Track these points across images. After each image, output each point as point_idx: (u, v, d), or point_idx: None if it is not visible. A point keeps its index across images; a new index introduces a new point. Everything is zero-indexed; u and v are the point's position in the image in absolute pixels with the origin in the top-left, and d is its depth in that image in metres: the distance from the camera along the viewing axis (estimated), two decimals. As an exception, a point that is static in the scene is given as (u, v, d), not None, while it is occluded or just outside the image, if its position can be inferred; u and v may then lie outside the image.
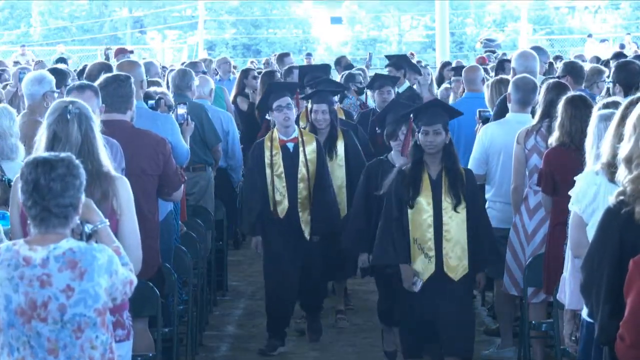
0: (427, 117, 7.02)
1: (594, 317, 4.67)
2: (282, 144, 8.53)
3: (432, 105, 7.36)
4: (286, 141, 8.55)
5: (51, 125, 5.18)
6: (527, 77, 8.14)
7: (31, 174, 4.31)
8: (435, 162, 7.02)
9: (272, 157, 8.50)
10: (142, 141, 6.78)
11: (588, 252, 4.75)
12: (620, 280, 4.44)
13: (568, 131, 6.83)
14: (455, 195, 6.95)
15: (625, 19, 45.15)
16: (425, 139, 6.98)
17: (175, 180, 6.98)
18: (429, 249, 6.96)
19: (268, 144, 8.54)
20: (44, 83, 7.81)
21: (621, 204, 4.50)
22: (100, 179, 5.15)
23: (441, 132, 6.98)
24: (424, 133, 6.98)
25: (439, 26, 33.91)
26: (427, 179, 7.00)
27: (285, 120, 8.53)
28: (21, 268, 4.29)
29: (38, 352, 4.31)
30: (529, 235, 7.50)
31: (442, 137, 6.99)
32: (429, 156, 7.02)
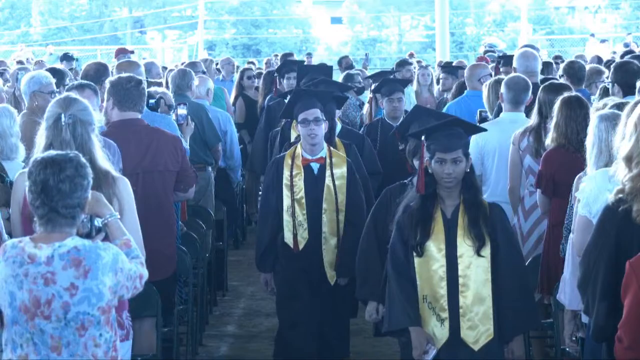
0: (444, 141, 5.50)
1: (589, 313, 4.69)
2: (305, 164, 7.20)
3: (450, 124, 5.67)
4: (310, 161, 7.21)
5: (47, 131, 5.22)
6: (518, 77, 8.14)
7: (40, 174, 4.31)
8: (452, 196, 5.56)
9: (292, 178, 7.18)
10: (161, 138, 6.90)
11: (586, 249, 4.77)
12: (615, 278, 4.46)
13: (564, 132, 6.84)
14: (477, 236, 5.48)
15: (626, 19, 45.17)
16: (441, 169, 5.48)
17: (191, 176, 7.13)
18: (442, 309, 5.49)
19: (289, 162, 7.21)
20: (31, 83, 7.77)
21: (619, 201, 4.52)
22: (100, 183, 5.15)
23: (462, 159, 5.48)
24: (439, 162, 5.48)
25: (439, 26, 33.91)
26: (439, 217, 5.54)
27: (311, 137, 7.15)
28: (26, 265, 4.31)
29: (41, 349, 4.32)
30: (524, 236, 7.50)
31: (463, 166, 5.50)
32: (444, 189, 5.55)
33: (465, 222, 5.50)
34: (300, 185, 7.16)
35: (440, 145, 5.48)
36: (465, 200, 5.55)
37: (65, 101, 5.31)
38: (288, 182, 7.17)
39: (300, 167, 7.19)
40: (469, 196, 5.55)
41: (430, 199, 5.56)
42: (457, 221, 5.52)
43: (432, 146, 5.50)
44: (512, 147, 7.57)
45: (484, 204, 5.59)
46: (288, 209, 7.16)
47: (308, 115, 7.12)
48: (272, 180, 7.26)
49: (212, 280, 9.68)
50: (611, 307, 4.50)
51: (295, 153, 7.22)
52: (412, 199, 5.65)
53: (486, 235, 5.49)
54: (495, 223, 5.55)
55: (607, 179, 5.11)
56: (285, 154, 7.30)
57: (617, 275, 4.46)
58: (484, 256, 5.48)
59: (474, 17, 48.28)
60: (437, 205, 5.56)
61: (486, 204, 5.61)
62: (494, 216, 5.56)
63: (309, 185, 7.17)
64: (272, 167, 7.34)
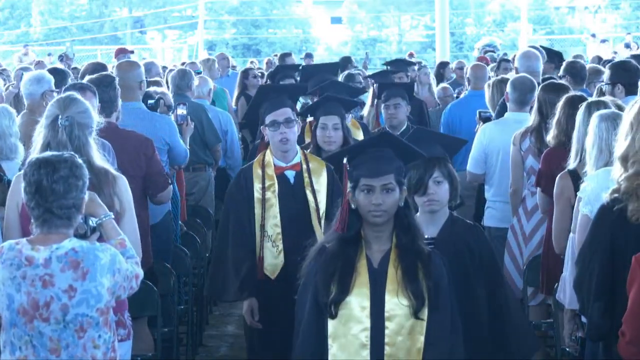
0: (371, 164, 4.41)
1: (585, 312, 4.70)
2: (279, 173, 6.09)
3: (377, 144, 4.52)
4: (284, 169, 6.12)
5: (44, 131, 5.19)
6: (524, 77, 8.14)
7: (34, 175, 4.31)
8: (382, 239, 4.40)
9: (264, 191, 6.04)
10: (124, 142, 6.64)
11: (581, 249, 4.79)
12: (611, 277, 4.47)
13: (565, 130, 6.83)
14: (415, 293, 4.30)
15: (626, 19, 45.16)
16: (367, 199, 4.35)
17: (159, 181, 6.86)
18: None
19: (258, 172, 6.09)
20: (43, 82, 7.81)
21: (614, 201, 4.53)
22: (100, 182, 5.14)
23: (394, 187, 4.36)
24: (365, 190, 4.36)
25: (439, 26, 33.89)
26: (364, 266, 4.37)
27: (282, 143, 6.08)
28: (24, 268, 4.30)
29: (40, 351, 4.32)
30: (527, 237, 7.50)
31: (395, 197, 4.37)
32: (371, 228, 4.40)
33: (398, 273, 4.33)
34: (274, 200, 6.02)
35: (366, 169, 4.37)
36: (400, 245, 4.37)
37: (65, 102, 5.27)
38: (259, 195, 6.03)
39: (273, 177, 6.07)
40: (404, 240, 4.37)
41: (352, 242, 4.39)
42: (386, 272, 4.35)
43: (356, 171, 4.39)
44: (512, 148, 7.56)
45: (423, 250, 4.38)
46: (261, 228, 6.02)
47: (277, 116, 6.06)
48: (241, 195, 6.10)
49: (212, 280, 9.66)
50: (606, 306, 4.52)
51: (265, 161, 6.10)
52: (329, 240, 4.44)
53: (427, 292, 4.31)
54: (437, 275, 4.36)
55: (608, 178, 5.11)
56: (253, 163, 6.16)
57: (612, 275, 4.48)
58: (423, 319, 4.30)
59: (474, 17, 48.27)
60: (361, 251, 4.40)
61: (426, 250, 4.40)
62: (435, 265, 4.38)
63: (285, 197, 6.04)
64: (238, 180, 6.18)
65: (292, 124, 6.09)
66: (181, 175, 8.69)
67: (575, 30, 45.99)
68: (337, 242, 4.41)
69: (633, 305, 4.08)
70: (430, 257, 4.37)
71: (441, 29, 33.56)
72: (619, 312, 4.22)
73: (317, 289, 4.37)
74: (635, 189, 4.47)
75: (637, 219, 4.47)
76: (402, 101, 8.46)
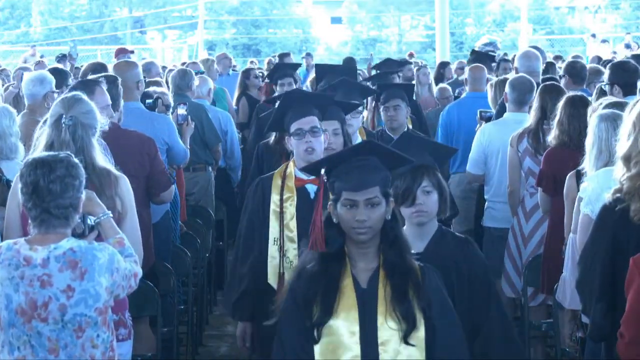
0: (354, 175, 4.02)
1: (587, 313, 4.70)
2: (300, 186, 5.67)
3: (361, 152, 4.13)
4: (306, 182, 5.64)
5: (48, 130, 5.19)
6: (523, 77, 8.15)
7: (30, 175, 4.32)
8: (368, 256, 4.04)
9: (282, 203, 5.65)
10: (127, 142, 6.65)
11: (583, 249, 4.79)
12: (613, 277, 4.47)
13: (566, 130, 6.83)
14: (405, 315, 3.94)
15: (626, 19, 45.15)
16: (350, 215, 3.98)
17: (162, 181, 6.88)
18: None
19: (278, 183, 5.68)
20: (45, 83, 7.83)
21: (616, 201, 4.53)
22: (102, 183, 5.14)
23: (380, 201, 3.99)
24: (348, 205, 3.99)
25: (439, 26, 33.89)
26: (350, 287, 4.00)
27: (307, 152, 5.57)
28: (22, 268, 4.31)
29: (39, 351, 4.32)
30: (526, 238, 7.50)
31: (382, 211, 4.00)
32: (355, 245, 4.03)
33: (387, 293, 3.95)
34: (293, 213, 5.59)
35: (348, 181, 3.99)
36: (387, 262, 4.01)
37: (69, 101, 5.26)
38: (277, 208, 5.61)
39: (292, 189, 5.64)
40: (391, 256, 4.01)
41: (335, 260, 4.01)
42: (376, 293, 3.98)
43: (337, 183, 4.01)
44: (510, 149, 7.57)
45: (413, 266, 4.01)
46: (275, 242, 5.60)
47: (303, 124, 5.61)
48: (257, 206, 5.70)
49: (212, 280, 9.68)
50: (609, 306, 4.52)
51: (287, 172, 5.68)
52: (309, 261, 4.04)
53: (418, 313, 3.93)
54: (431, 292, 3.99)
55: (609, 178, 5.11)
56: (274, 173, 5.75)
57: (614, 275, 4.48)
58: (414, 345, 3.92)
59: (474, 17, 48.27)
60: (345, 269, 4.02)
61: (417, 266, 4.03)
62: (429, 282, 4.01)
63: (303, 212, 5.53)
64: (256, 189, 5.76)
65: (318, 134, 5.61)
66: (181, 175, 8.69)
67: (575, 30, 45.98)
68: (318, 261, 3.98)
69: (631, 307, 4.08)
70: (421, 273, 3.99)
71: (441, 29, 33.55)
72: (621, 313, 4.22)
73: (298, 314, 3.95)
74: (638, 189, 4.47)
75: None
76: (402, 103, 8.08)
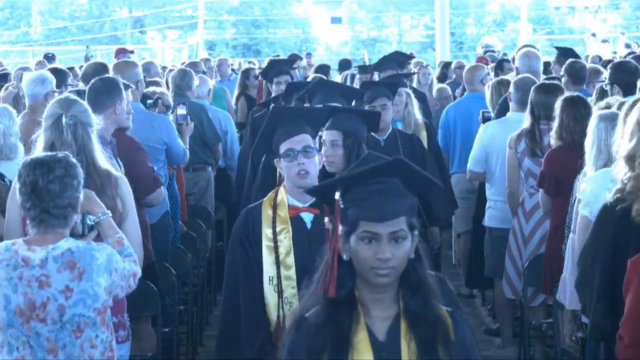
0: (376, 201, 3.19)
1: (587, 313, 4.70)
2: (294, 215, 4.95)
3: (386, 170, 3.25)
4: (301, 210, 4.96)
5: (47, 131, 5.19)
6: (526, 77, 8.15)
7: (29, 175, 4.33)
8: (385, 302, 3.24)
9: (276, 237, 4.94)
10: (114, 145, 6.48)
11: (583, 249, 4.79)
12: (613, 277, 4.47)
13: (568, 131, 6.83)
14: None
15: (626, 19, 45.16)
16: (369, 252, 3.17)
17: (147, 184, 6.72)
18: None
19: (268, 213, 4.97)
20: (46, 83, 7.84)
21: (618, 201, 4.53)
22: (103, 184, 5.14)
23: (406, 235, 3.18)
24: (367, 238, 3.18)
25: (439, 26, 33.93)
26: (365, 340, 3.22)
27: (300, 176, 4.91)
28: (20, 268, 4.31)
29: (37, 351, 4.32)
30: (526, 239, 7.50)
31: (406, 248, 3.20)
32: (370, 289, 3.23)
33: (412, 349, 3.20)
34: (288, 247, 4.90)
35: (369, 209, 3.18)
36: (410, 311, 3.22)
37: (65, 102, 5.28)
38: (270, 242, 4.91)
39: (286, 219, 4.93)
40: (415, 303, 3.23)
41: (344, 307, 3.22)
42: (397, 347, 3.21)
43: (353, 210, 3.20)
44: (509, 150, 7.57)
45: (442, 315, 3.26)
46: (271, 281, 4.90)
47: (294, 144, 4.94)
48: (245, 241, 4.96)
49: (212, 280, 9.67)
50: (609, 306, 4.51)
51: (278, 200, 4.97)
52: (309, 306, 3.27)
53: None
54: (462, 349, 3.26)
55: (608, 179, 5.11)
56: (263, 202, 5.02)
57: (614, 275, 4.48)
58: None
59: (474, 17, 48.27)
60: (357, 319, 3.23)
61: (445, 313, 3.27)
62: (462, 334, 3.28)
63: (300, 246, 4.89)
64: (244, 221, 5.01)
65: (312, 154, 4.94)
66: (181, 175, 8.69)
67: (575, 30, 45.98)
68: (323, 308, 3.21)
69: (630, 309, 4.07)
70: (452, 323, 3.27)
71: (441, 29, 33.59)
72: (621, 313, 4.22)
73: None
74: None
75: (641, 219, 4.47)
76: (389, 102, 7.48)
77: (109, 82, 6.51)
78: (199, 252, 8.40)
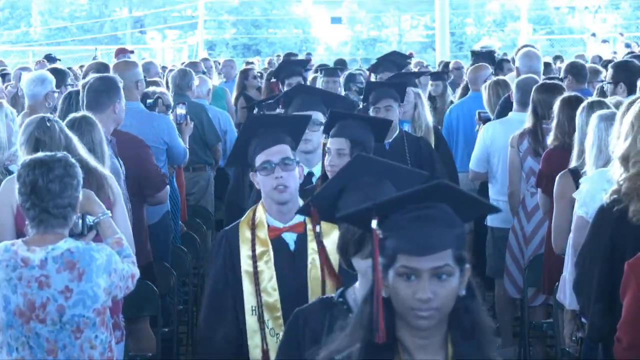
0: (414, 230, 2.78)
1: (585, 314, 4.70)
2: (275, 237, 4.44)
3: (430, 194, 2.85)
4: (282, 230, 4.45)
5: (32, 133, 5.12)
6: (528, 78, 8.14)
7: (29, 175, 4.32)
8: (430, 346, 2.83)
9: (256, 261, 4.41)
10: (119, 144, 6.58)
11: (581, 250, 4.78)
12: (611, 278, 4.47)
13: (565, 131, 6.83)
14: None
15: (626, 19, 45.17)
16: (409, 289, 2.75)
17: (157, 181, 6.87)
18: None
19: (247, 235, 4.46)
20: (46, 83, 7.84)
21: (614, 202, 4.52)
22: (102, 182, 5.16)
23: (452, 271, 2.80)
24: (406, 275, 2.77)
25: (439, 26, 33.93)
26: None
27: (278, 191, 4.40)
28: (20, 269, 4.30)
29: (37, 352, 4.32)
30: (527, 238, 7.49)
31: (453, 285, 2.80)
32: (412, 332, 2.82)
33: None
34: (270, 273, 4.40)
35: (408, 240, 2.76)
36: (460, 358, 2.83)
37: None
38: (250, 268, 4.41)
39: (266, 241, 4.43)
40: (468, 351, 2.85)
41: (385, 352, 2.79)
42: None
43: (391, 242, 2.78)
44: (510, 149, 7.56)
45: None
46: (253, 311, 4.40)
47: (271, 155, 4.41)
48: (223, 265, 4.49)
49: (212, 280, 9.66)
50: (607, 307, 4.51)
51: (256, 220, 4.46)
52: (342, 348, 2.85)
53: None
54: None
55: (604, 179, 5.11)
56: (239, 224, 4.51)
57: (612, 276, 4.47)
58: None
59: (474, 17, 48.28)
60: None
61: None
62: None
63: (283, 270, 4.41)
64: (220, 244, 4.54)
65: (291, 166, 4.42)
66: (181, 175, 8.69)
67: (575, 30, 45.99)
68: (361, 352, 2.78)
69: (628, 311, 4.07)
70: None
71: (441, 29, 33.60)
72: (619, 314, 4.21)
73: None
74: (637, 190, 4.46)
75: (638, 220, 4.46)
76: (395, 103, 7.03)
77: (107, 81, 6.52)
78: (199, 252, 8.39)
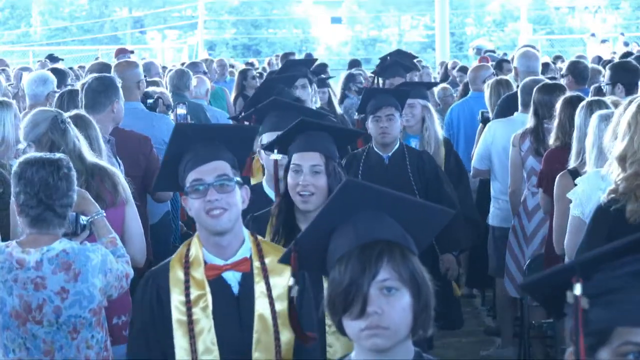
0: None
1: None
2: (213, 276, 3.55)
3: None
4: (223, 269, 3.56)
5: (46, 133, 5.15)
6: (533, 80, 8.13)
7: (38, 172, 4.29)
8: None
9: (191, 308, 3.51)
10: (124, 142, 6.59)
11: (578, 250, 4.78)
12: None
13: (566, 131, 6.83)
14: None
15: (626, 19, 45.19)
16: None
17: None
18: None
19: (179, 276, 3.56)
20: (48, 83, 7.86)
21: (611, 201, 4.52)
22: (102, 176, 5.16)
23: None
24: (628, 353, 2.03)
25: (439, 26, 33.94)
26: None
27: (211, 216, 3.50)
28: (15, 271, 4.29)
29: (34, 353, 4.31)
30: (528, 238, 7.49)
31: None
32: None
33: None
34: (208, 322, 3.51)
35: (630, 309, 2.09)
36: None
37: None
38: (183, 316, 3.51)
39: (203, 283, 3.54)
40: None
41: None
42: None
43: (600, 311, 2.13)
44: (512, 148, 7.56)
45: None
46: None
47: (203, 174, 3.53)
48: (150, 314, 3.56)
49: (212, 280, 9.65)
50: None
51: (191, 257, 3.58)
52: None
53: None
54: None
55: (599, 179, 5.12)
56: (170, 261, 3.60)
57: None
58: None
59: (474, 17, 48.31)
60: None
61: None
62: None
63: (225, 320, 3.53)
64: (145, 289, 3.60)
65: (229, 187, 3.52)
66: (181, 175, 8.67)
67: (575, 30, 46.01)
68: None
69: None
70: None
71: (441, 29, 33.60)
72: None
73: None
74: (634, 190, 4.46)
75: (636, 220, 4.46)
76: (396, 112, 6.49)
77: (105, 81, 6.53)
78: (199, 252, 8.37)
